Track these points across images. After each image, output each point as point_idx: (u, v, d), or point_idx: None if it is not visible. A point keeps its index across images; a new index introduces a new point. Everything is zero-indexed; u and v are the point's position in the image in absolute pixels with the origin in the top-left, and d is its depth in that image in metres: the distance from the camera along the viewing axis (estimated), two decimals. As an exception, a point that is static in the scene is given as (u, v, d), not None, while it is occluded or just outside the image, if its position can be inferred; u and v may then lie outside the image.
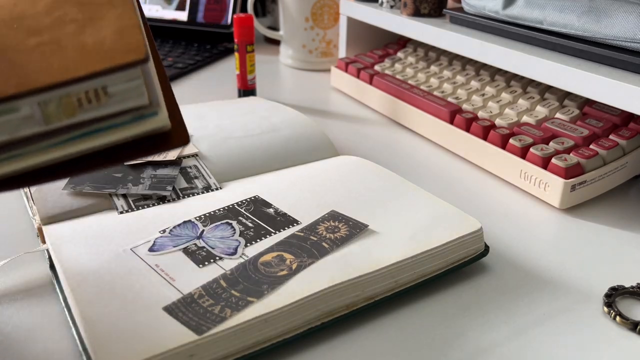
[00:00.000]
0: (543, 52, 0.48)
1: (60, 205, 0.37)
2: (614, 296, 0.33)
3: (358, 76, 0.66)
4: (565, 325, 0.32)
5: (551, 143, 0.45)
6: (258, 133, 0.48)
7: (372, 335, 0.31)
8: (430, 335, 0.31)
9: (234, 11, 0.86)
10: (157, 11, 0.90)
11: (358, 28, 0.74)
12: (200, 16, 0.88)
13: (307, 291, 0.30)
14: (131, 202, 0.38)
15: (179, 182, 0.41)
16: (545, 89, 0.53)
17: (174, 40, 0.88)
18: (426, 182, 0.48)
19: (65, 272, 0.31)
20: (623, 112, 0.48)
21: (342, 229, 0.35)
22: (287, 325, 0.29)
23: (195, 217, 0.37)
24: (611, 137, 0.46)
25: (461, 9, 0.58)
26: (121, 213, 0.37)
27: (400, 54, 0.69)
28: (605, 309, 0.32)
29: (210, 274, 0.31)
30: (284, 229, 0.35)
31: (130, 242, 0.34)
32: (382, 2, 0.68)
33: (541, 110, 0.51)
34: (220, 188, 0.41)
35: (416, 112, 0.56)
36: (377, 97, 0.63)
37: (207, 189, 0.41)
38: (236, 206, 0.38)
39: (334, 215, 0.37)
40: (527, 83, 0.55)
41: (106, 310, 0.28)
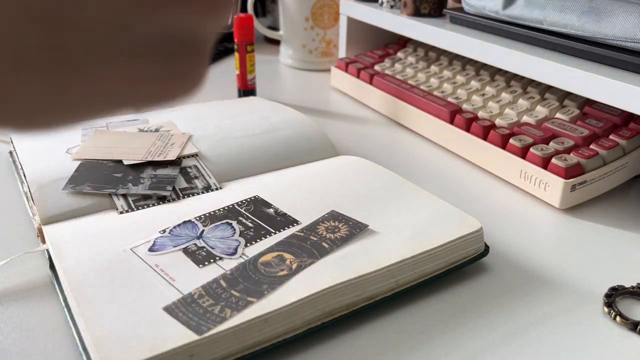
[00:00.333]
0: (543, 52, 0.48)
1: (60, 205, 0.37)
2: (614, 296, 0.33)
3: (358, 76, 0.66)
4: (565, 325, 0.32)
5: (551, 143, 0.45)
6: (258, 133, 0.48)
7: (372, 335, 0.31)
8: (430, 335, 0.31)
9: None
10: (157, 11, 0.90)
11: (358, 28, 0.74)
12: (200, 16, 0.87)
13: (307, 291, 0.30)
14: (131, 202, 0.38)
15: (179, 182, 0.41)
16: (545, 89, 0.53)
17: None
18: (426, 182, 0.48)
19: (65, 272, 0.31)
20: (623, 112, 0.48)
21: (342, 229, 0.35)
22: (287, 325, 0.29)
23: (195, 217, 0.37)
24: (611, 137, 0.46)
25: (461, 9, 0.58)
26: (121, 213, 0.37)
27: (400, 54, 0.69)
28: (605, 309, 0.32)
29: (210, 274, 0.31)
30: (284, 229, 0.35)
31: (130, 242, 0.34)
32: (382, 2, 0.68)
33: (541, 110, 0.51)
34: (220, 188, 0.41)
35: (416, 112, 0.56)
36: (377, 97, 0.63)
37: (207, 189, 0.41)
38: (236, 206, 0.38)
39: (334, 215, 0.37)
40: (527, 83, 0.55)
41: (106, 310, 0.28)
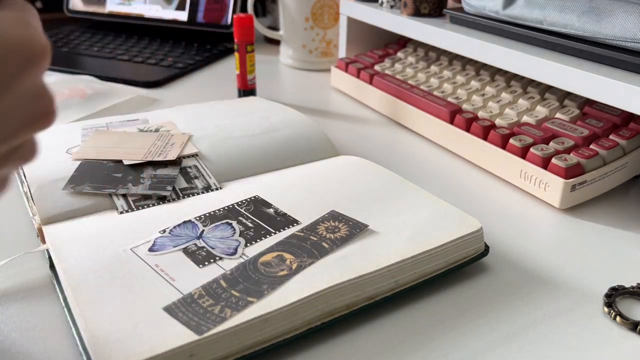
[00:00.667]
0: (543, 52, 0.48)
1: (60, 205, 0.37)
2: (614, 296, 0.33)
3: (358, 76, 0.66)
4: (565, 325, 0.32)
5: (551, 143, 0.45)
6: (258, 133, 0.48)
7: (372, 335, 0.31)
8: (430, 335, 0.31)
9: (234, 11, 0.86)
10: (157, 11, 0.90)
11: (358, 28, 0.74)
12: (200, 16, 0.88)
13: (307, 291, 0.30)
14: (131, 202, 0.38)
15: (179, 182, 0.41)
16: (545, 89, 0.53)
17: (174, 40, 0.88)
18: (426, 182, 0.48)
19: (65, 272, 0.31)
20: (623, 112, 0.48)
21: (342, 229, 0.35)
22: (287, 325, 0.29)
23: (195, 217, 0.37)
24: (611, 137, 0.46)
25: (461, 9, 0.58)
26: (121, 213, 0.37)
27: (400, 54, 0.69)
28: (605, 309, 0.32)
29: (210, 274, 0.31)
30: (284, 229, 0.35)
31: (130, 242, 0.34)
32: (382, 2, 0.68)
33: (541, 110, 0.51)
34: (220, 188, 0.41)
35: (416, 112, 0.56)
36: (377, 97, 0.63)
37: (207, 189, 0.41)
38: (236, 206, 0.38)
39: (334, 215, 0.37)
40: (527, 83, 0.55)
41: (106, 310, 0.28)
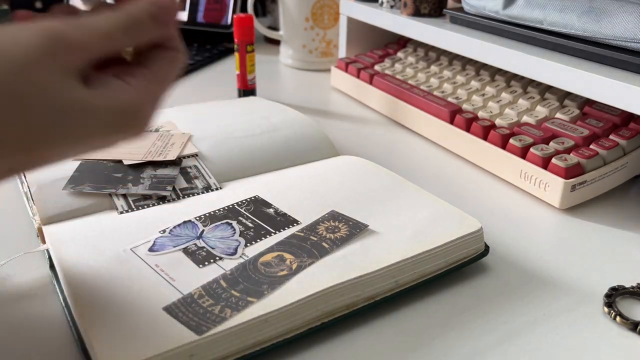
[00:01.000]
0: (543, 52, 0.48)
1: (60, 205, 0.37)
2: (614, 296, 0.33)
3: (358, 76, 0.66)
4: (565, 325, 0.32)
5: (551, 143, 0.45)
6: (258, 133, 0.48)
7: (372, 335, 0.31)
8: (430, 335, 0.31)
9: (234, 11, 0.86)
10: (157, 11, 0.90)
11: (358, 28, 0.74)
12: (200, 16, 0.87)
13: (307, 291, 0.30)
14: (131, 202, 0.38)
15: (179, 182, 0.41)
16: (545, 89, 0.53)
17: (174, 40, 0.88)
18: (426, 182, 0.48)
19: (65, 272, 0.31)
20: (623, 112, 0.48)
21: (342, 229, 0.35)
22: (287, 325, 0.29)
23: (195, 217, 0.37)
24: (611, 137, 0.46)
25: (461, 9, 0.58)
26: (121, 213, 0.37)
27: (400, 54, 0.69)
28: (605, 309, 0.32)
29: (210, 274, 0.31)
30: (284, 229, 0.35)
31: (130, 242, 0.34)
32: (382, 2, 0.68)
33: (541, 110, 0.51)
34: (220, 188, 0.41)
35: (416, 112, 0.56)
36: (377, 97, 0.63)
37: (207, 189, 0.41)
38: (236, 206, 0.38)
39: (334, 215, 0.37)
40: (527, 83, 0.55)
41: (106, 310, 0.28)
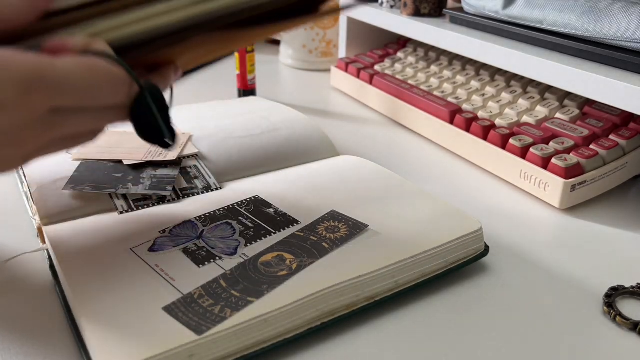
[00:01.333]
0: (543, 52, 0.48)
1: (60, 205, 0.37)
2: (614, 296, 0.33)
3: (358, 76, 0.66)
4: (565, 325, 0.32)
5: (551, 143, 0.45)
6: (258, 133, 0.48)
7: (372, 335, 0.31)
8: (430, 335, 0.31)
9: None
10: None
11: (358, 28, 0.74)
12: (200, 16, 0.87)
13: (307, 291, 0.30)
14: (131, 202, 0.38)
15: (179, 182, 0.41)
16: (545, 89, 0.53)
17: (174, 40, 0.88)
18: (426, 182, 0.48)
19: (65, 272, 0.31)
20: (623, 112, 0.48)
21: (342, 229, 0.35)
22: (287, 325, 0.29)
23: (195, 217, 0.37)
24: (611, 137, 0.46)
25: (461, 9, 0.58)
26: (121, 213, 0.37)
27: (400, 54, 0.69)
28: (605, 309, 0.32)
29: (210, 274, 0.31)
30: (284, 229, 0.35)
31: (130, 242, 0.34)
32: (382, 2, 0.68)
33: (541, 110, 0.51)
34: (220, 188, 0.41)
35: (416, 112, 0.56)
36: (377, 97, 0.63)
37: (207, 189, 0.41)
38: (236, 206, 0.38)
39: (334, 215, 0.37)
40: (527, 83, 0.55)
41: (106, 311, 0.28)
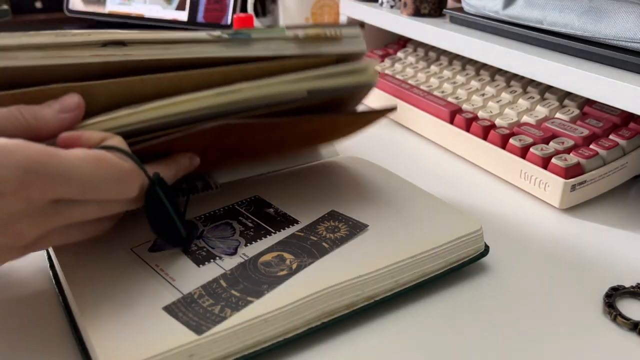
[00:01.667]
0: (543, 52, 0.48)
1: (60, 205, 0.37)
2: (614, 296, 0.33)
3: (358, 76, 0.66)
4: (565, 325, 0.32)
5: (551, 143, 0.45)
6: (258, 133, 0.48)
7: (372, 335, 0.31)
8: (430, 335, 0.31)
9: (234, 11, 0.86)
10: (157, 11, 0.90)
11: (358, 28, 0.74)
12: (200, 16, 0.88)
13: (307, 291, 0.30)
14: (131, 202, 0.38)
15: (179, 182, 0.41)
16: (545, 89, 0.53)
17: (174, 40, 0.88)
18: (426, 182, 0.48)
19: (66, 272, 0.31)
20: (623, 112, 0.48)
21: (342, 229, 0.35)
22: (287, 325, 0.29)
23: (195, 217, 0.37)
24: (611, 137, 0.46)
25: (461, 9, 0.58)
26: (121, 213, 0.37)
27: (400, 54, 0.69)
28: (606, 308, 0.32)
29: (210, 274, 0.31)
30: (284, 229, 0.35)
31: (130, 242, 0.34)
32: (382, 2, 0.68)
33: (541, 110, 0.51)
34: (220, 188, 0.41)
35: (416, 112, 0.56)
36: (377, 97, 0.63)
37: (206, 189, 0.41)
38: (236, 206, 0.38)
39: (334, 215, 0.37)
40: (527, 83, 0.55)
41: (106, 310, 0.28)
